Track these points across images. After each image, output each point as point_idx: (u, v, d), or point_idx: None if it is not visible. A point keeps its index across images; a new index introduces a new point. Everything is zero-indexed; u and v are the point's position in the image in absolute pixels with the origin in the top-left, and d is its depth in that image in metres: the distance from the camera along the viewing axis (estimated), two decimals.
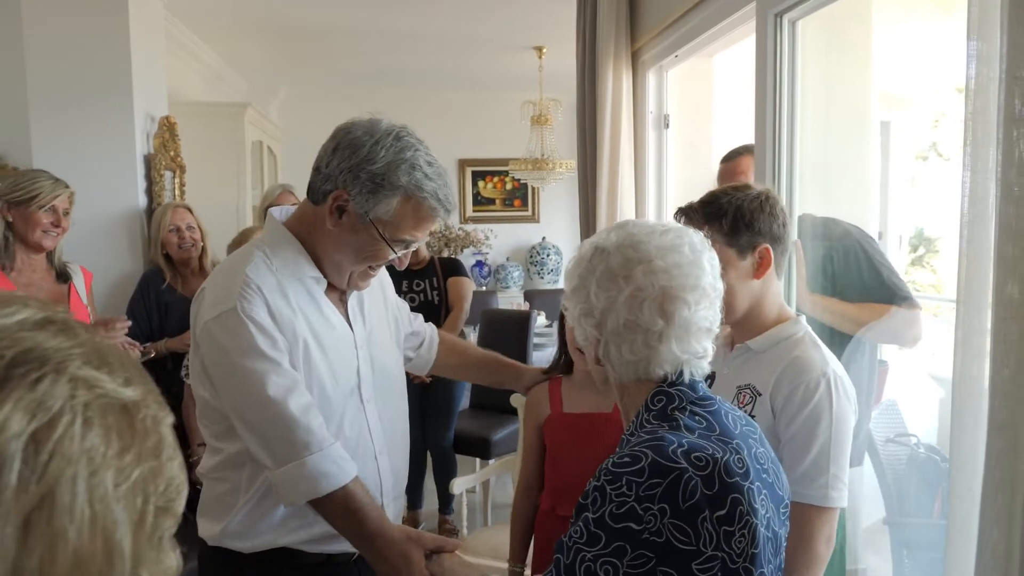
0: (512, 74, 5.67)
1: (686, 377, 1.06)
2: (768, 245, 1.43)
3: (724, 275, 1.26)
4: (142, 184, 3.27)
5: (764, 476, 1.05)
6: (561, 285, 6.78)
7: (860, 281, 2.10)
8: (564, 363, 1.85)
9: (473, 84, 6.13)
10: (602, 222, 3.13)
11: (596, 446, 1.51)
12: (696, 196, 3.08)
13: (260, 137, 4.76)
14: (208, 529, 1.44)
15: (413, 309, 4.20)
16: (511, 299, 6.28)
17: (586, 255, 1.10)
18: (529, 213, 6.80)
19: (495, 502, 3.78)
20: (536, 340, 4.67)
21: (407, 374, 1.69)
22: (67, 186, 2.63)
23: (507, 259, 6.71)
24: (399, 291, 3.86)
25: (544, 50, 5.09)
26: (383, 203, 1.34)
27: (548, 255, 6.65)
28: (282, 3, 4.08)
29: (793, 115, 2.11)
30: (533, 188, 6.46)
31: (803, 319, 1.50)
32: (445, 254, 6.46)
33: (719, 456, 0.98)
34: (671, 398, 1.05)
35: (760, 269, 1.44)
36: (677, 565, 0.94)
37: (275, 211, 1.49)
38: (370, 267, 1.43)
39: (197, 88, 4.85)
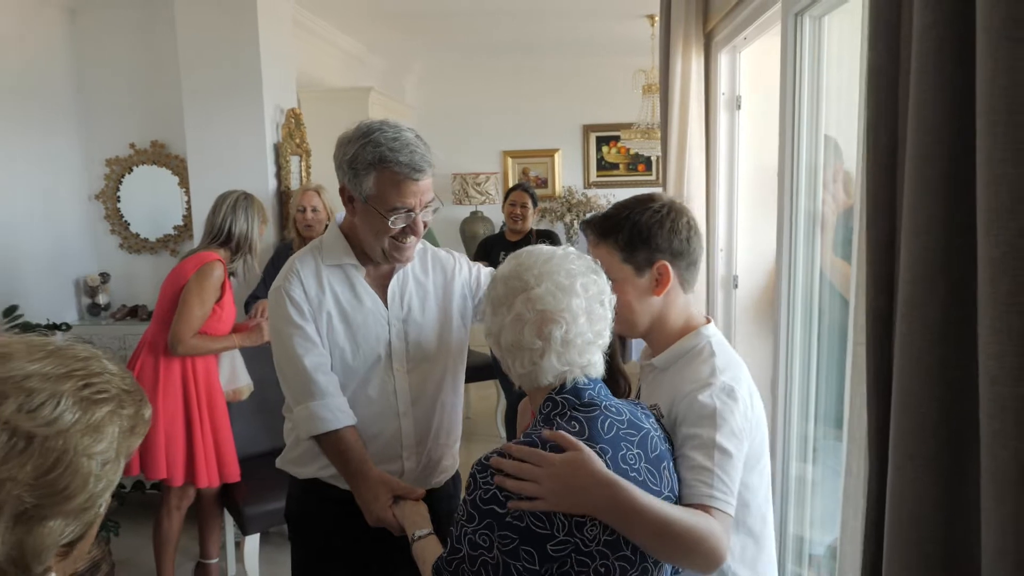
0: (628, 39, 5.73)
1: (568, 385, 1.26)
2: (667, 261, 1.42)
3: (622, 292, 1.41)
4: (272, 169, 3.81)
5: (632, 475, 1.22)
6: None
7: None
8: None
9: (593, 50, 6.22)
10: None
11: None
12: (769, 178, 3.15)
13: (387, 116, 5.21)
14: (281, 455, 1.90)
15: None
16: None
17: (490, 283, 1.33)
18: (653, 178, 6.85)
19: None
20: None
21: None
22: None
23: None
24: (498, 263, 4.22)
25: (656, 18, 5.12)
26: (364, 181, 1.65)
27: None
28: None
29: (818, 112, 2.17)
30: None
31: (707, 328, 1.46)
32: (568, 219, 6.70)
33: None
34: (556, 404, 1.26)
35: (659, 286, 1.43)
36: (536, 545, 1.16)
37: (339, 216, 1.86)
38: (395, 239, 1.70)
39: (336, 72, 5.38)
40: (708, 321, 1.49)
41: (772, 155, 3.16)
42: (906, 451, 0.98)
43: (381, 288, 1.80)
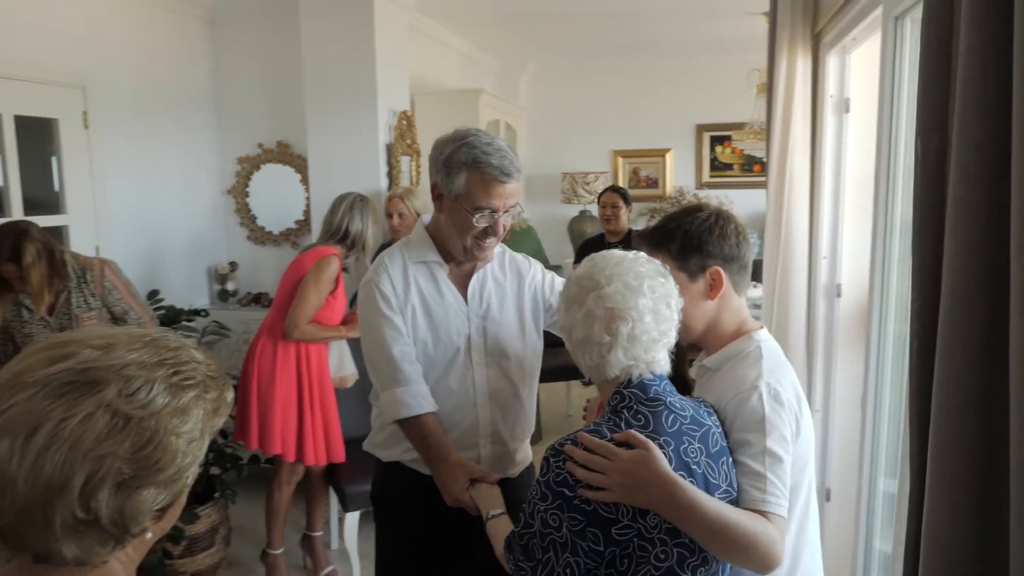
0: (744, 37, 5.61)
1: (635, 380, 1.35)
2: (719, 266, 1.47)
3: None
4: (383, 169, 4.02)
5: (693, 467, 1.30)
6: None
7: None
8: None
9: (708, 49, 6.13)
10: (770, 210, 3.19)
11: None
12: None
13: (497, 116, 5.36)
14: (368, 439, 2.05)
15: None
16: None
17: (564, 283, 1.44)
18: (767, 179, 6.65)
19: None
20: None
21: None
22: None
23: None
24: None
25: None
26: (456, 180, 1.77)
27: None
28: None
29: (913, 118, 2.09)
30: None
31: (760, 333, 1.50)
32: None
33: None
34: (623, 397, 1.35)
35: (713, 291, 1.48)
36: (601, 528, 1.26)
37: (425, 217, 1.99)
38: (477, 238, 1.82)
39: (450, 73, 5.58)
40: (761, 327, 1.54)
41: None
42: (942, 472, 0.98)
43: (462, 286, 1.92)
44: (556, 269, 4.93)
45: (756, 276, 5.15)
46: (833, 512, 3.09)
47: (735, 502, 1.34)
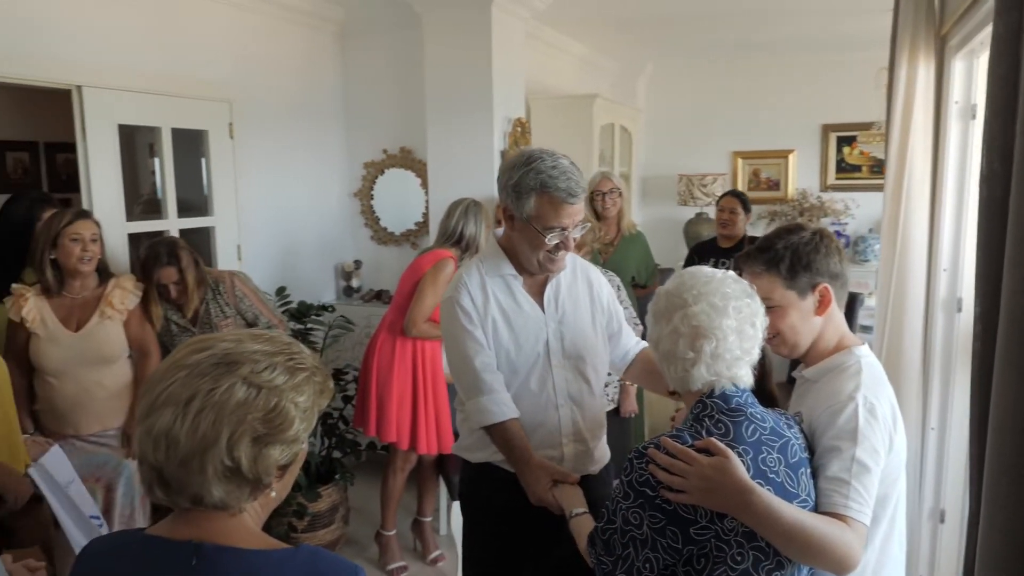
0: (873, 34, 5.36)
1: (717, 391, 1.42)
2: (827, 283, 1.55)
3: (786, 316, 1.57)
4: (496, 175, 4.17)
5: (771, 476, 1.37)
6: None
7: None
8: None
9: (834, 46, 5.89)
10: (885, 220, 3.09)
11: None
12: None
13: (612, 120, 5.42)
14: (456, 443, 2.19)
15: None
16: (867, 273, 6.02)
17: (654, 297, 1.52)
18: None
19: None
20: (864, 321, 4.59)
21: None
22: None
23: (869, 231, 6.39)
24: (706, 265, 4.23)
25: None
26: (526, 203, 1.90)
27: None
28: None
29: None
30: None
31: (861, 348, 1.55)
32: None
33: None
34: (706, 407, 1.43)
35: (821, 307, 1.55)
36: (680, 527, 1.35)
37: (497, 231, 2.14)
38: (549, 252, 1.94)
39: (567, 77, 5.68)
40: (863, 343, 1.60)
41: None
42: (1001, 465, 0.99)
43: (538, 294, 2.05)
44: (668, 273, 4.96)
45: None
46: (948, 535, 2.97)
47: (813, 511, 1.39)
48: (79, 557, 1.12)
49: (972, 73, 2.94)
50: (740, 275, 1.57)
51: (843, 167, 6.52)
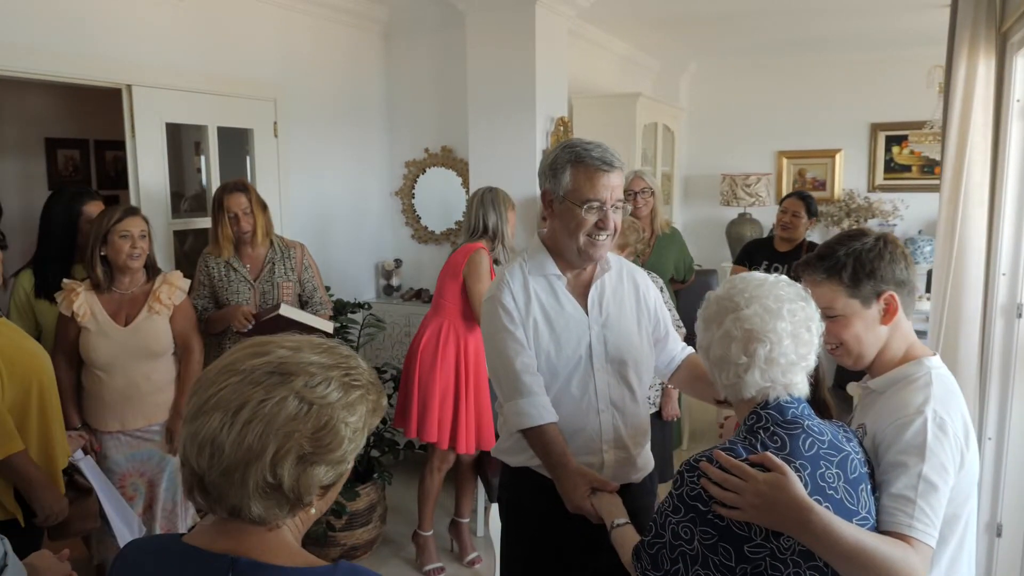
0: (925, 31, 5.21)
1: (771, 401, 1.36)
2: (893, 291, 1.47)
3: (850, 326, 1.50)
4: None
5: (830, 493, 1.30)
6: None
7: None
8: None
9: (883, 43, 5.74)
10: (942, 223, 2.99)
11: None
12: None
13: (655, 119, 5.34)
14: (496, 446, 2.17)
15: None
16: (916, 277, 5.85)
17: (703, 302, 1.47)
18: None
19: None
20: (916, 327, 4.46)
21: None
22: None
23: (919, 232, 6.21)
24: (758, 270, 4.13)
25: None
26: (562, 178, 1.89)
27: None
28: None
29: None
30: None
31: (932, 360, 1.49)
32: (846, 224, 6.28)
33: None
34: (760, 418, 1.37)
35: (887, 316, 1.48)
36: (734, 544, 1.29)
37: (541, 230, 2.11)
38: (589, 236, 1.90)
39: (610, 75, 5.62)
40: (934, 354, 1.53)
41: None
42: None
43: (581, 296, 2.00)
44: (710, 273, 4.88)
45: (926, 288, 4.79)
46: (1005, 549, 2.87)
47: (873, 530, 1.33)
48: (120, 555, 1.11)
49: None
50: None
51: (892, 167, 6.35)
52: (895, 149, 6.32)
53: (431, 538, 3.62)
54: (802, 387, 1.38)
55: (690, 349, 2.26)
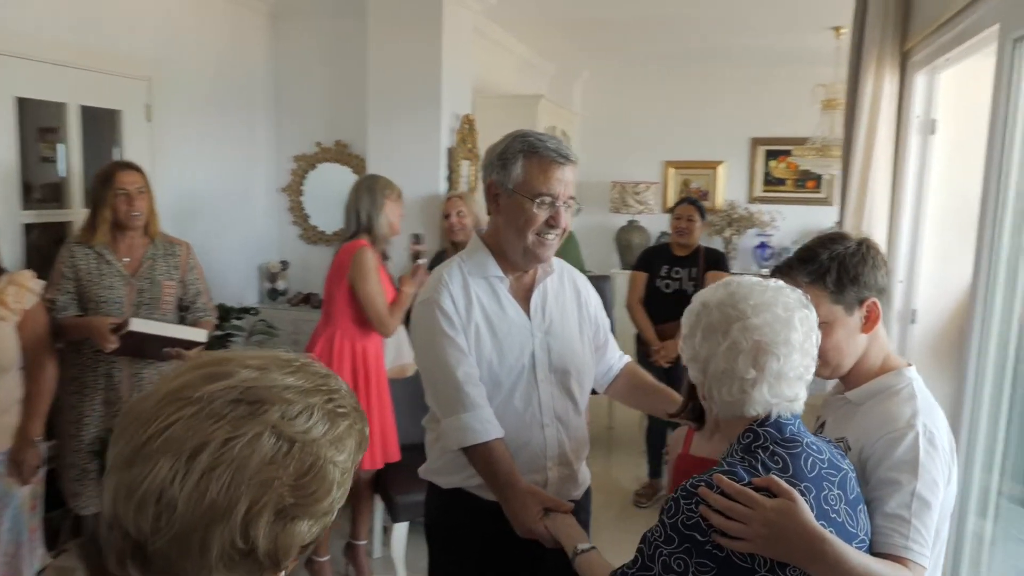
0: (809, 51, 5.47)
1: (773, 418, 1.24)
2: (875, 298, 1.41)
3: (832, 334, 1.40)
4: (443, 172, 3.96)
5: (833, 516, 1.20)
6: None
7: None
8: (691, 409, 1.66)
9: (769, 61, 5.99)
10: (848, 229, 3.08)
11: None
12: (963, 208, 2.93)
13: (554, 122, 5.29)
14: (424, 466, 1.96)
15: (667, 296, 4.57)
16: None
17: (695, 308, 1.31)
18: (822, 196, 6.51)
19: None
20: None
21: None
22: None
23: (793, 242, 6.52)
24: (658, 275, 4.15)
25: (842, 30, 4.85)
26: (513, 169, 1.74)
27: None
28: (577, 2, 4.49)
29: None
30: None
31: (910, 370, 1.44)
32: (727, 233, 6.50)
33: None
34: (757, 436, 1.24)
35: (868, 324, 1.42)
36: None
37: (480, 228, 1.95)
38: (539, 235, 1.76)
39: (509, 77, 5.51)
40: (910, 364, 1.46)
41: (969, 183, 2.94)
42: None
43: (524, 300, 1.86)
44: (601, 279, 4.86)
45: None
46: None
47: (867, 551, 1.25)
48: None
49: (932, 88, 2.97)
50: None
51: (770, 180, 6.64)
52: (772, 163, 6.61)
53: (327, 564, 3.33)
54: (803, 403, 1.28)
55: (627, 357, 2.16)
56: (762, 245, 6.51)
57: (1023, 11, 1.91)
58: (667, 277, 4.09)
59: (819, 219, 6.48)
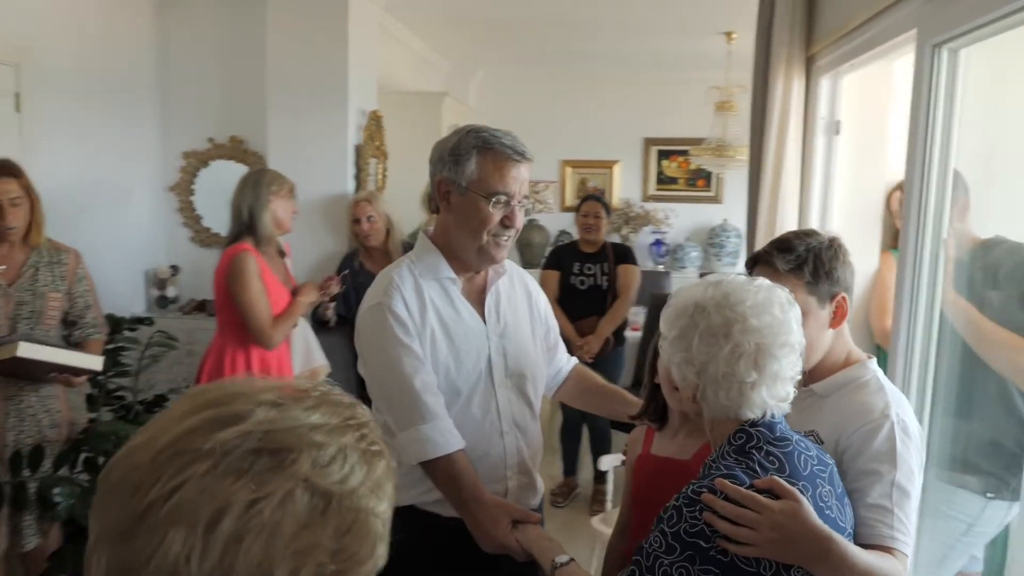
0: (701, 55, 5.66)
1: (767, 418, 1.23)
2: (844, 294, 1.45)
3: (805, 324, 1.37)
4: (351, 171, 3.79)
5: (827, 513, 1.20)
6: (740, 269, 6.67)
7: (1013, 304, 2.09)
8: (654, 410, 1.68)
9: (661, 64, 6.16)
10: (762, 226, 3.18)
11: (671, 492, 1.49)
12: (865, 206, 3.08)
13: (456, 120, 5.19)
14: None
15: (582, 292, 4.59)
16: (686, 280, 6.34)
17: (686, 309, 1.26)
18: (712, 194, 6.77)
19: None
20: None
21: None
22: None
23: (686, 239, 6.75)
24: (571, 273, 4.16)
25: (733, 35, 5.04)
26: (466, 166, 1.66)
27: (728, 237, 6.60)
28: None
29: (948, 147, 2.10)
30: None
31: (873, 363, 1.48)
32: (625, 231, 6.63)
33: None
34: (750, 437, 1.23)
35: (836, 319, 1.45)
36: None
37: (428, 229, 1.85)
38: (494, 236, 1.69)
39: (405, 74, 5.37)
40: (871, 357, 1.50)
41: (871, 181, 3.12)
42: None
43: (477, 302, 1.79)
44: None
45: None
46: None
47: (852, 541, 1.26)
48: None
49: (836, 91, 3.11)
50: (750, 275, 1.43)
51: (663, 179, 6.84)
52: (665, 163, 6.81)
53: None
54: (791, 399, 1.27)
55: (575, 359, 2.12)
56: (657, 242, 6.70)
57: (941, 17, 2.01)
58: (580, 274, 4.11)
59: (710, 216, 6.75)
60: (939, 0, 2.00)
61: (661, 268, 6.57)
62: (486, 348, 1.76)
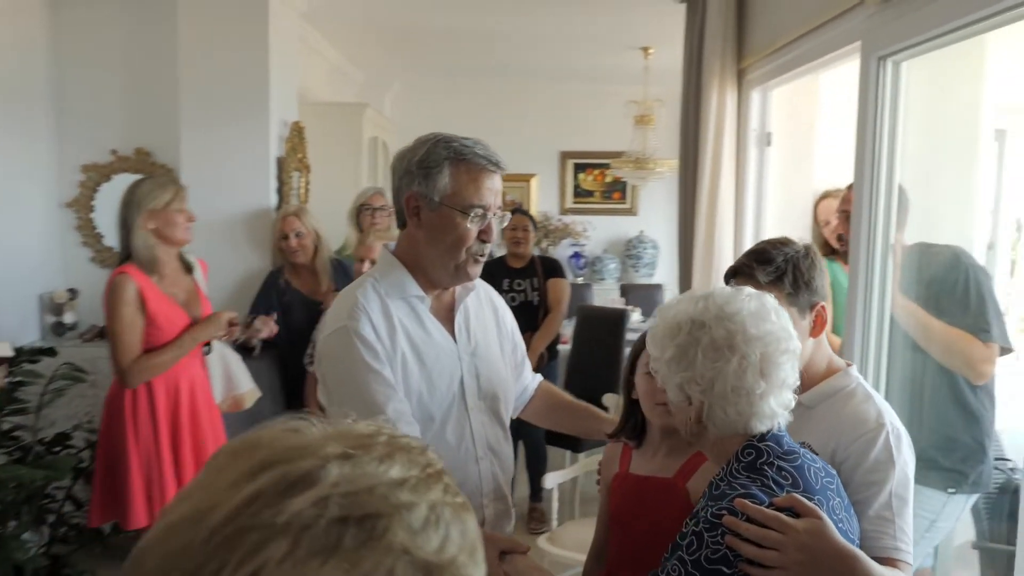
0: (618, 69, 5.74)
1: (774, 431, 1.20)
2: (823, 303, 1.44)
3: None
4: (273, 184, 3.58)
5: (840, 525, 1.17)
6: (657, 280, 6.75)
7: (957, 303, 2.17)
8: (631, 428, 1.65)
9: (577, 78, 6.22)
10: (700, 237, 3.21)
11: (654, 512, 1.50)
12: (795, 215, 3.15)
13: (376, 133, 5.05)
14: None
15: (514, 309, 4.48)
16: (606, 291, 6.39)
17: (681, 326, 1.20)
18: (627, 206, 6.87)
19: (584, 495, 3.95)
20: (629, 336, 4.80)
21: None
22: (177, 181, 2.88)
23: (604, 251, 6.82)
24: (501, 290, 4.08)
25: (650, 50, 5.14)
26: (438, 179, 1.55)
27: (645, 249, 6.71)
28: (402, 7, 4.32)
29: (893, 154, 2.16)
30: None
31: (854, 370, 1.47)
32: (544, 244, 6.62)
33: None
34: (760, 452, 1.18)
35: (816, 328, 1.43)
36: None
37: (390, 244, 1.73)
38: (472, 253, 1.60)
39: (321, 84, 5.17)
40: (851, 364, 1.49)
41: (800, 190, 3.21)
42: None
43: (446, 321, 1.69)
44: None
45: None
46: None
47: None
48: None
49: (767, 104, 3.19)
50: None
51: (579, 192, 6.88)
52: (581, 176, 6.86)
53: None
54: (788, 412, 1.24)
55: (540, 376, 2.04)
56: (576, 255, 6.72)
57: (885, 30, 2.07)
58: (511, 291, 4.04)
59: (626, 228, 6.84)
60: (884, 14, 2.06)
61: (581, 280, 6.59)
62: (458, 369, 1.66)
